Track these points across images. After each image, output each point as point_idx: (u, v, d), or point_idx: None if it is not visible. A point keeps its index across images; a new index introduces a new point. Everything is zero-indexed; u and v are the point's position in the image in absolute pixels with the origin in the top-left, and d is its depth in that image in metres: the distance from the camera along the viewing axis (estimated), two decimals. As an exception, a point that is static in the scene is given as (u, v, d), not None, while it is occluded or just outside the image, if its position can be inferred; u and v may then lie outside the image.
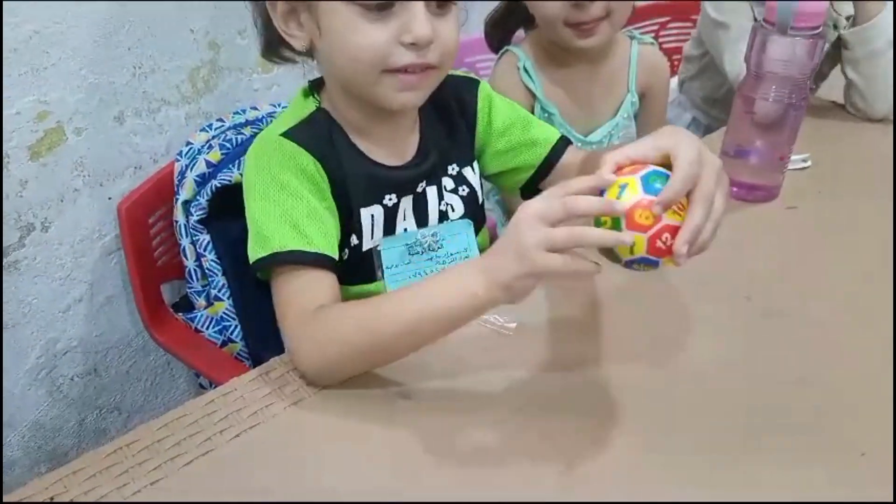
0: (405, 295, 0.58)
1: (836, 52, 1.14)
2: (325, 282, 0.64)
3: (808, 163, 1.00)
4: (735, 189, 0.93)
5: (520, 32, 1.07)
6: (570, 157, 0.79)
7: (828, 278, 0.78)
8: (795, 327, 0.71)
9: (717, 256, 0.55)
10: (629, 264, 0.52)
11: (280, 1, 0.65)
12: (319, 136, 0.69)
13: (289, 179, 0.65)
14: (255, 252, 0.65)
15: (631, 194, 0.51)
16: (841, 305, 0.73)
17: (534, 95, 1.01)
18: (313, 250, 0.64)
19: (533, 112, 1.01)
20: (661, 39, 1.54)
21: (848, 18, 1.12)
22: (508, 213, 1.11)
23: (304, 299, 0.62)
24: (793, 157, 0.99)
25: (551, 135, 0.81)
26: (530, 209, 0.51)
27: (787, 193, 0.93)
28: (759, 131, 0.89)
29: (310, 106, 0.71)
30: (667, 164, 0.53)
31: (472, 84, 0.79)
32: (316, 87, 0.73)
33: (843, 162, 1.03)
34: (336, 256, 0.66)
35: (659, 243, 0.50)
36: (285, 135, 0.67)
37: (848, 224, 0.88)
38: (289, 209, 0.64)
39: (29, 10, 0.76)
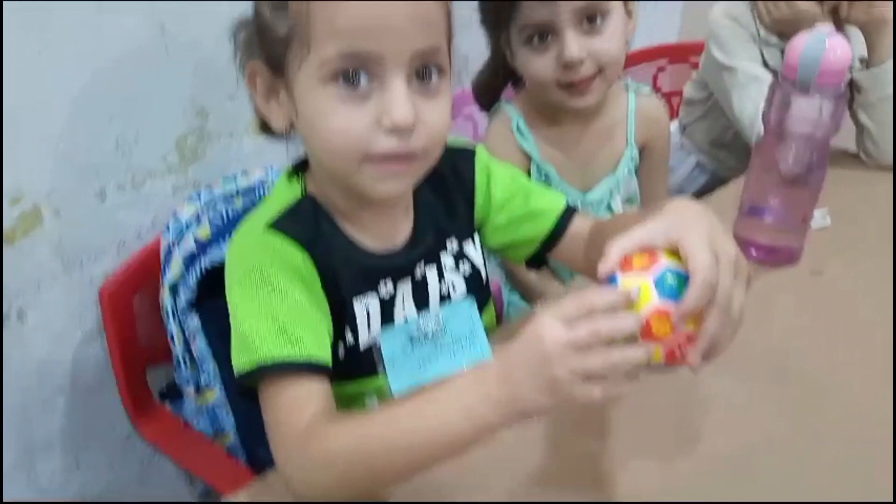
0: (406, 419, 0.52)
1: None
2: (316, 392, 0.58)
3: (828, 219, 0.96)
4: (754, 251, 0.88)
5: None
6: (577, 226, 0.74)
7: (860, 352, 0.73)
8: (832, 409, 0.66)
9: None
10: None
11: (258, 77, 0.60)
12: (306, 225, 0.63)
13: (275, 276, 0.59)
14: (239, 361, 0.58)
15: (645, 301, 0.48)
16: (879, 383, 0.68)
17: (529, 156, 0.96)
18: (303, 359, 0.57)
19: (530, 172, 0.97)
20: (659, 82, 1.51)
21: (861, 61, 1.08)
22: (509, 273, 1.05)
23: (294, 417, 0.56)
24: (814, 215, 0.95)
25: (555, 204, 0.75)
26: (557, 340, 0.46)
27: (809, 255, 0.89)
28: (780, 190, 0.85)
29: (295, 191, 0.65)
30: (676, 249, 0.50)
31: (469, 155, 0.74)
32: (300, 168, 0.67)
33: (863, 215, 0.99)
34: (328, 359, 0.60)
35: (676, 353, 0.48)
36: (270, 226, 0.61)
37: (878, 289, 0.83)
38: (275, 310, 0.58)
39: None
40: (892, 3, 1.03)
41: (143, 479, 0.95)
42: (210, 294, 0.83)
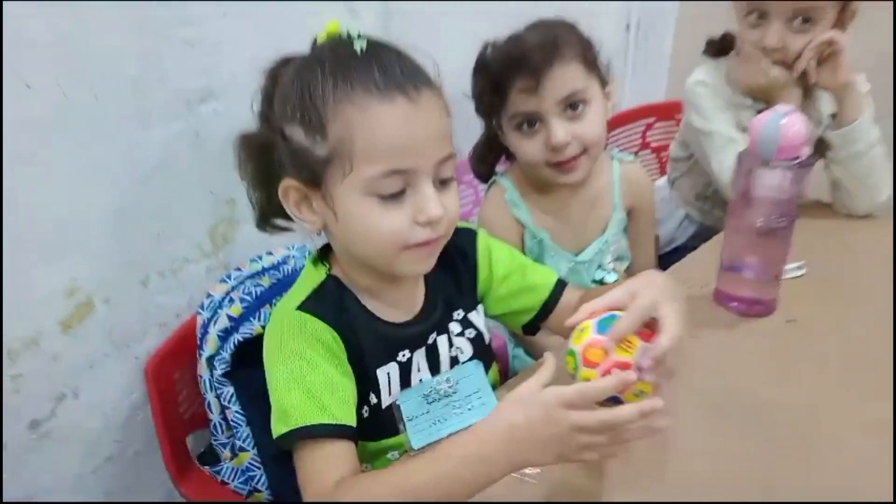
0: (427, 476, 0.61)
1: (819, 146, 1.19)
2: (344, 452, 0.68)
3: (804, 270, 1.04)
4: (735, 304, 0.97)
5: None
6: (568, 297, 0.85)
7: (834, 396, 0.81)
8: (807, 447, 0.73)
9: (722, 373, 0.60)
10: None
11: (291, 187, 0.70)
12: (333, 305, 0.74)
13: (307, 352, 0.70)
14: (277, 427, 0.69)
15: (585, 336, 0.64)
16: (853, 425, 0.76)
17: (523, 224, 1.06)
18: (333, 422, 0.67)
19: (524, 239, 1.07)
20: (648, 138, 1.62)
21: (833, 116, 1.18)
22: (510, 331, 1.14)
23: (324, 475, 0.65)
24: (787, 267, 1.03)
25: (549, 278, 0.86)
26: (569, 424, 0.57)
27: (785, 304, 0.97)
28: (753, 248, 0.94)
29: (320, 274, 0.76)
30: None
31: (471, 234, 0.85)
32: (324, 254, 0.77)
33: (837, 264, 1.07)
34: (354, 424, 0.69)
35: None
36: (301, 308, 0.72)
37: (849, 334, 0.91)
38: (308, 381, 0.69)
39: (50, 197, 0.81)
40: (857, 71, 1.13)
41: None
42: (242, 364, 0.92)
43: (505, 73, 0.95)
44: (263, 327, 0.90)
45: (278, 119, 0.70)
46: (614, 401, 0.61)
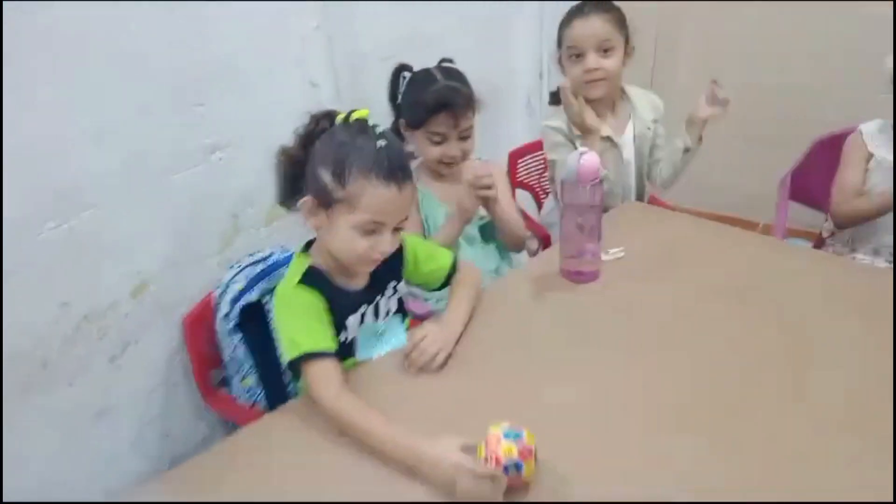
0: (377, 439, 0.99)
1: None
2: (335, 367, 1.09)
3: (623, 254, 1.54)
4: (573, 275, 1.46)
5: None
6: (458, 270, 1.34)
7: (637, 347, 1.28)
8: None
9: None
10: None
11: (309, 202, 1.12)
12: (316, 282, 1.15)
13: (306, 309, 1.12)
14: (291, 352, 1.08)
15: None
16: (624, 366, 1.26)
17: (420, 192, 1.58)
18: (327, 348, 1.10)
19: (421, 202, 1.58)
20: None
21: (654, 121, 1.76)
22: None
23: (328, 382, 1.06)
24: (612, 251, 1.54)
25: (447, 260, 1.34)
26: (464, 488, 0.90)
27: (608, 278, 1.47)
28: (575, 238, 1.43)
29: (305, 262, 1.17)
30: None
31: (403, 241, 1.30)
32: (308, 246, 1.23)
33: (648, 250, 1.56)
34: (336, 348, 1.13)
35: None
36: (300, 284, 1.14)
37: (650, 297, 1.38)
38: (309, 326, 1.10)
39: (120, 221, 1.31)
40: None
41: (207, 444, 1.53)
42: (245, 320, 1.43)
43: (435, 109, 1.48)
44: (259, 297, 1.41)
45: (315, 159, 1.10)
46: (517, 468, 0.89)
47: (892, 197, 1.56)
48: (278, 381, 1.43)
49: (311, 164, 1.11)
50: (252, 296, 1.44)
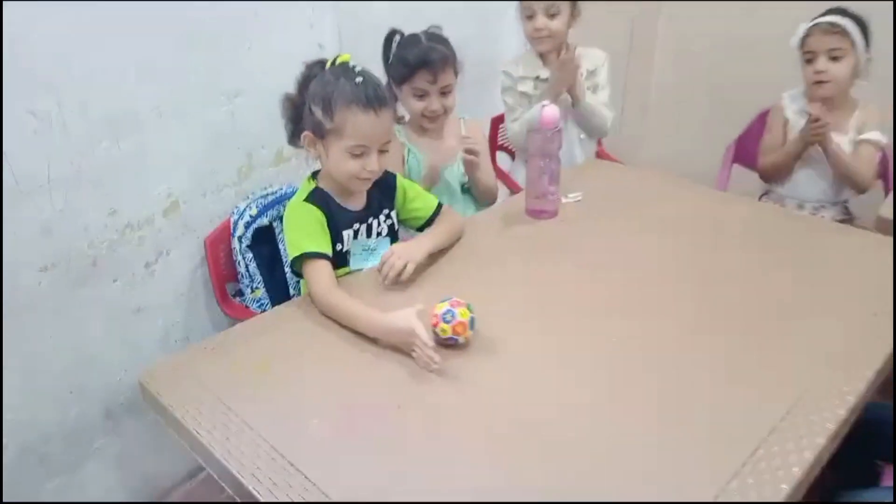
0: (358, 317, 1.24)
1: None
2: (328, 268, 1.34)
3: (580, 197, 1.81)
4: (536, 212, 1.73)
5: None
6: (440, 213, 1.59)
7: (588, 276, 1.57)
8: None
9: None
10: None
11: (308, 135, 1.39)
12: (319, 200, 1.40)
13: (309, 220, 1.39)
14: (293, 252, 1.34)
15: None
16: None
17: (408, 150, 1.82)
18: (323, 251, 1.37)
19: (406, 155, 1.82)
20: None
21: (591, 70, 2.07)
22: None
23: (322, 278, 1.31)
24: (571, 195, 1.81)
25: (433, 202, 1.59)
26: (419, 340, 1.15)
27: (566, 216, 1.74)
28: (538, 181, 1.70)
29: (312, 186, 1.46)
30: None
31: (394, 176, 1.57)
32: (314, 174, 1.50)
33: (601, 197, 1.84)
34: (331, 253, 1.40)
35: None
36: (306, 200, 1.39)
37: (595, 232, 1.65)
38: (310, 233, 1.35)
39: (157, 146, 1.58)
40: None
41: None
42: (257, 241, 1.70)
43: (417, 66, 1.68)
44: (269, 221, 1.68)
45: (309, 99, 1.32)
46: (454, 340, 1.16)
47: (793, 147, 1.89)
48: (283, 293, 1.70)
49: (307, 104, 1.34)
50: (263, 220, 1.71)
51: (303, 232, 1.37)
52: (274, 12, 1.71)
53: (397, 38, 1.77)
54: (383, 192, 1.54)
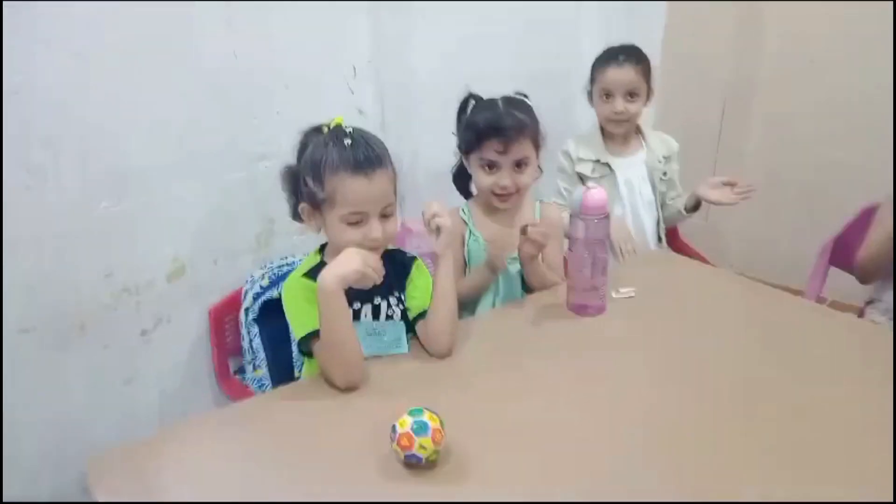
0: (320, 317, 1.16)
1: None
2: None
3: (633, 294, 1.56)
4: (579, 308, 1.49)
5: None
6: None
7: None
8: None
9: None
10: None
11: (305, 207, 1.27)
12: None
13: (307, 297, 1.20)
14: (300, 331, 1.20)
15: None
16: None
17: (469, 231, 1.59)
18: None
19: (467, 237, 1.59)
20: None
21: (666, 157, 1.94)
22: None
23: None
24: (623, 290, 1.56)
25: (424, 304, 1.36)
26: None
27: (615, 313, 1.49)
28: (582, 272, 1.47)
29: (316, 259, 1.29)
30: None
31: (413, 259, 1.40)
32: (322, 247, 1.35)
33: (659, 294, 1.58)
34: None
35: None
36: (305, 276, 1.25)
37: (648, 332, 1.40)
38: (312, 310, 1.18)
39: (169, 208, 1.48)
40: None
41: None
42: (265, 315, 1.56)
43: (485, 133, 1.47)
44: (279, 294, 1.54)
45: (303, 170, 1.22)
46: (416, 458, 0.94)
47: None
48: (287, 374, 1.53)
49: (302, 175, 1.23)
50: (274, 293, 1.57)
51: (303, 309, 1.23)
52: (311, 75, 1.61)
53: (472, 102, 1.58)
54: (398, 271, 1.37)
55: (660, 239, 2.06)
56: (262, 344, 1.56)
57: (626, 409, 1.15)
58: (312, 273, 1.26)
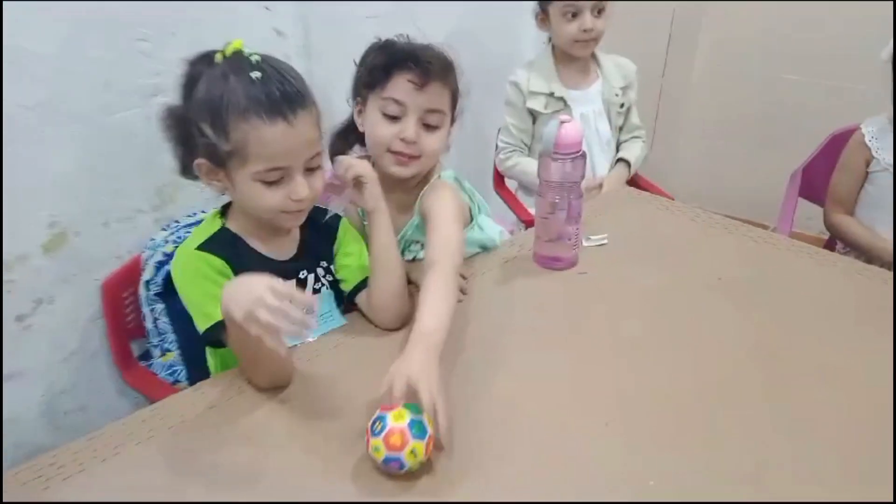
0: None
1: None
2: None
3: (606, 241, 1.37)
4: (547, 261, 1.30)
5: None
6: None
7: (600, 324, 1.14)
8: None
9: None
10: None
11: (203, 164, 0.97)
12: (225, 246, 1.02)
13: (204, 277, 0.98)
14: (203, 323, 0.97)
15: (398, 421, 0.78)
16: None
17: None
18: None
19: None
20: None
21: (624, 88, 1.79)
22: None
23: None
24: (594, 237, 1.37)
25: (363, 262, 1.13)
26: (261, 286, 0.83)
27: (588, 264, 1.30)
28: (552, 220, 1.26)
29: (216, 225, 1.04)
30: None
31: (339, 218, 1.15)
32: (225, 208, 1.08)
33: (632, 239, 1.40)
34: None
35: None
36: (199, 248, 1.00)
37: (624, 289, 1.22)
38: (213, 293, 0.92)
39: (43, 158, 1.16)
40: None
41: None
42: (171, 289, 1.26)
43: (398, 62, 1.12)
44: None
45: (195, 114, 0.94)
46: (399, 464, 0.77)
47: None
48: (202, 358, 1.27)
49: (194, 120, 0.95)
50: (182, 261, 1.27)
51: (202, 292, 0.98)
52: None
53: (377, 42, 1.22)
54: (322, 235, 1.13)
55: None
56: (171, 323, 1.28)
57: (623, 384, 0.98)
58: (212, 245, 1.02)
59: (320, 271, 1.13)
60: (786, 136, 2.26)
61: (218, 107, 0.92)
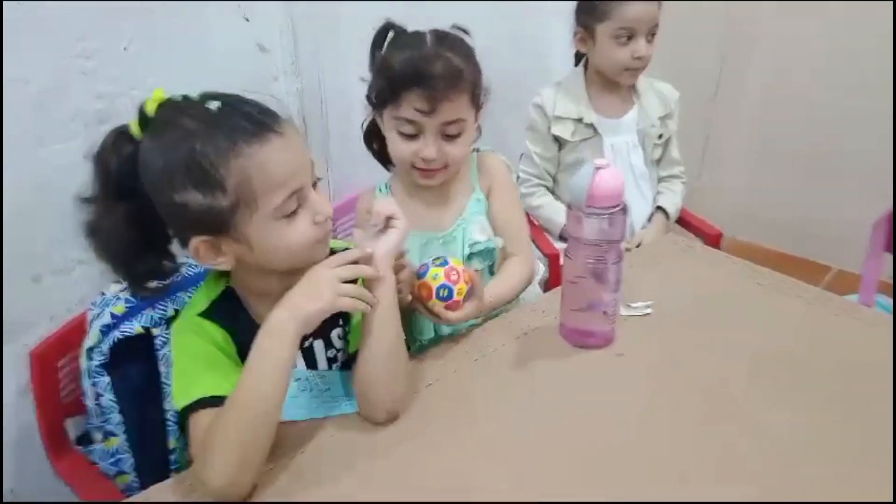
0: (245, 385, 0.78)
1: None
2: None
3: (650, 310, 1.12)
4: (577, 336, 1.05)
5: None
6: None
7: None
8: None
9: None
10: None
11: (201, 244, 0.81)
12: (228, 312, 0.88)
13: (205, 347, 0.86)
14: (185, 396, 0.82)
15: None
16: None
17: None
18: (222, 394, 0.80)
19: None
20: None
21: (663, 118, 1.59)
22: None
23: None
24: (636, 305, 1.13)
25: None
26: (322, 268, 0.81)
27: (627, 342, 1.05)
28: (583, 286, 1.02)
29: (220, 287, 0.90)
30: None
31: None
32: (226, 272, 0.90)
33: (681, 306, 1.14)
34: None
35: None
36: (201, 315, 0.88)
37: (674, 365, 0.99)
38: (207, 364, 0.84)
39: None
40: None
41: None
42: (120, 358, 1.04)
43: (404, 82, 1.04)
44: (144, 328, 1.02)
45: (164, 195, 0.79)
46: (448, 293, 0.96)
47: None
48: (155, 447, 1.03)
49: (165, 203, 0.80)
50: (133, 325, 1.04)
51: (197, 365, 0.85)
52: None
53: (391, 35, 1.11)
54: None
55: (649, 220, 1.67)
56: (118, 401, 1.04)
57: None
58: (214, 312, 0.88)
59: (334, 336, 0.95)
60: (844, 166, 2.01)
61: (196, 163, 0.76)
